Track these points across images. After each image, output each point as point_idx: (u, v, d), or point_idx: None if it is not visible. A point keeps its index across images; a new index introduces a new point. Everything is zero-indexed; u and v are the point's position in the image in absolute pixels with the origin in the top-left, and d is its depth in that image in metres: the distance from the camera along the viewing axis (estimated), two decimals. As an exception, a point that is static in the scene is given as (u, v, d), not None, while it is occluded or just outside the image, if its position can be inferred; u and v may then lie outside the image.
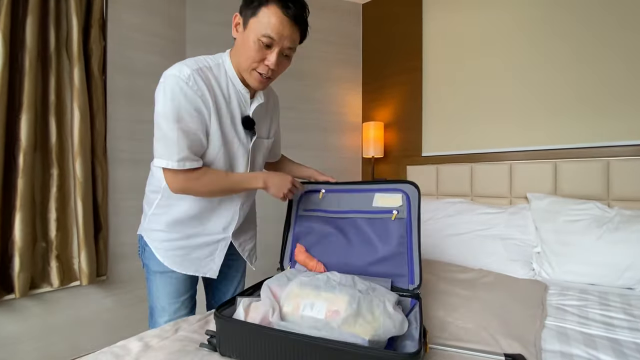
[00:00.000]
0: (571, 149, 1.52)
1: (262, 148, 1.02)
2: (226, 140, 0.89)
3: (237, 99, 0.90)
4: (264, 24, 0.78)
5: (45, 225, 1.41)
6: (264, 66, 0.83)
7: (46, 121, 1.42)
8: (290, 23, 0.80)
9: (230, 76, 0.88)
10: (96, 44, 1.55)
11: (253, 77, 0.85)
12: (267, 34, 0.79)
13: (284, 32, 0.80)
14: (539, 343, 0.79)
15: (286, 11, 0.78)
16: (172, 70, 0.81)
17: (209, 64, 0.86)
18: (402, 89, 2.15)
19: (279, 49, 0.81)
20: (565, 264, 1.30)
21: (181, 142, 0.81)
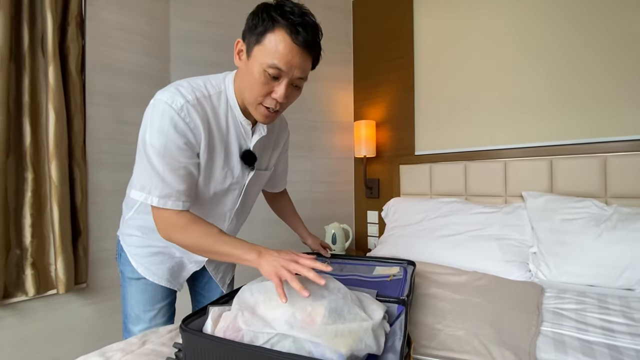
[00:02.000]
0: (567, 146, 1.47)
1: (259, 181, 0.95)
2: (214, 176, 0.81)
3: (237, 131, 0.81)
4: (271, 52, 0.67)
5: (20, 232, 1.35)
6: (272, 100, 0.72)
7: (20, 123, 1.36)
8: (300, 51, 0.69)
9: (231, 106, 0.79)
10: (74, 42, 1.50)
11: (259, 112, 0.75)
12: (274, 65, 0.68)
13: (293, 62, 0.69)
14: (533, 352, 0.74)
15: (295, 37, 0.67)
16: (164, 96, 0.72)
17: (209, 92, 0.76)
18: (394, 87, 2.10)
19: (288, 80, 0.71)
20: (562, 264, 1.25)
21: (167, 177, 0.71)
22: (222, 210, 0.90)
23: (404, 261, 1.13)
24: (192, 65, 1.90)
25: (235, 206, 0.92)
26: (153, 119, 0.71)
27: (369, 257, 1.20)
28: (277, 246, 2.16)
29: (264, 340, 0.59)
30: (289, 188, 2.11)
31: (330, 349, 0.57)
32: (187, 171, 0.74)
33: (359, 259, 1.20)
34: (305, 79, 0.75)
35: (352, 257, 1.21)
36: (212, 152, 0.78)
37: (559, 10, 1.51)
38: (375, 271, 1.09)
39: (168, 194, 0.72)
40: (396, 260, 1.16)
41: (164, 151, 0.71)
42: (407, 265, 1.11)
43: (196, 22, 1.91)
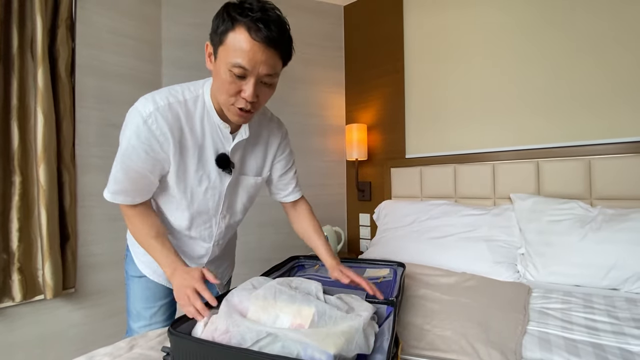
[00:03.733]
0: (552, 148, 1.50)
1: (246, 187, 0.93)
2: (188, 183, 0.83)
3: (213, 135, 0.81)
4: (233, 51, 0.67)
5: (7, 236, 1.33)
6: (241, 100, 0.72)
7: (8, 126, 1.35)
8: (262, 47, 0.67)
9: (208, 110, 0.80)
10: (63, 45, 1.49)
11: (232, 112, 0.75)
12: (237, 64, 0.67)
13: (256, 59, 0.67)
14: (519, 350, 0.75)
15: (256, 34, 0.65)
16: (138, 103, 0.75)
17: (184, 97, 0.78)
18: (385, 91, 2.12)
19: (255, 78, 0.69)
20: (549, 265, 1.27)
21: (119, 176, 0.77)
22: (206, 215, 0.90)
23: (394, 263, 1.14)
24: (183, 69, 1.90)
25: (219, 210, 0.91)
26: (125, 124, 0.76)
27: (359, 260, 1.21)
28: (268, 248, 2.15)
29: (253, 342, 0.60)
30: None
31: (319, 350, 0.57)
32: (141, 175, 0.78)
33: (349, 261, 1.21)
34: (276, 76, 0.74)
35: (342, 260, 1.21)
36: (184, 156, 0.80)
37: (543, 16, 1.55)
38: (366, 273, 1.10)
39: (118, 190, 0.79)
40: (386, 262, 1.17)
41: (123, 154, 0.75)
42: (397, 267, 1.13)
43: (187, 26, 1.92)
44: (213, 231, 0.94)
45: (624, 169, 1.33)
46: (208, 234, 0.94)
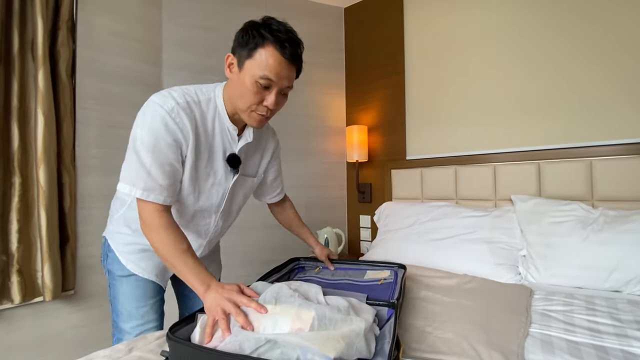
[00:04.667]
0: (554, 150, 1.49)
1: (244, 186, 0.99)
2: (198, 177, 0.86)
3: (222, 136, 0.87)
4: (262, 66, 0.76)
5: (6, 238, 1.33)
6: (263, 107, 0.80)
7: (8, 127, 1.35)
8: (287, 64, 0.78)
9: (219, 112, 0.86)
10: (64, 46, 1.49)
11: (252, 118, 0.82)
12: (265, 76, 0.76)
13: (282, 73, 0.78)
14: (522, 353, 0.74)
15: (283, 52, 0.76)
16: (156, 98, 0.78)
17: (198, 99, 0.83)
18: (386, 93, 2.12)
19: (278, 89, 0.79)
20: (551, 267, 1.26)
21: (153, 171, 0.76)
22: (207, 212, 0.93)
23: (395, 265, 1.14)
24: (183, 70, 1.90)
25: (221, 208, 0.95)
26: (145, 118, 0.77)
27: (360, 262, 1.20)
28: (272, 250, 2.15)
29: (252, 349, 0.59)
30: (281, 193, 2.11)
31: (319, 354, 0.57)
32: (172, 167, 0.79)
33: (350, 263, 1.20)
34: (291, 88, 0.84)
35: (343, 261, 1.21)
36: (198, 153, 0.83)
37: (542, 17, 1.55)
38: (367, 275, 1.09)
39: (151, 187, 0.76)
40: (387, 264, 1.16)
41: (154, 147, 0.76)
42: (397, 268, 1.12)
43: (188, 28, 1.92)
44: (210, 228, 0.97)
45: (626, 171, 1.32)
46: (204, 230, 0.96)
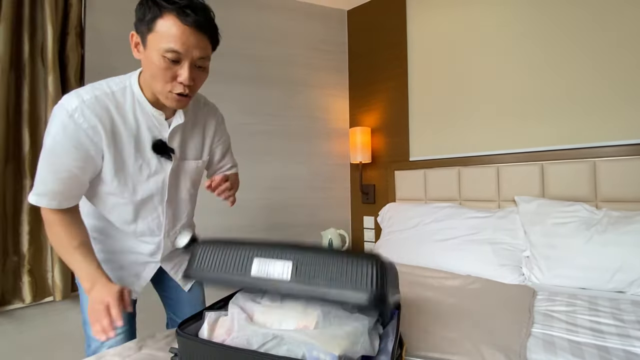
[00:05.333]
0: (557, 151, 1.50)
1: (188, 171, 0.93)
2: (125, 172, 0.80)
3: (148, 123, 0.81)
4: (165, 37, 0.69)
5: (17, 239, 1.36)
6: (179, 85, 0.74)
7: (19, 130, 1.38)
8: (193, 31, 0.70)
9: (138, 99, 0.79)
10: (73, 51, 1.52)
11: (170, 99, 0.76)
12: (170, 48, 0.69)
13: (189, 42, 0.70)
14: (524, 353, 0.75)
15: (185, 19, 0.69)
16: (63, 99, 0.74)
17: (111, 89, 0.77)
18: (389, 94, 2.13)
19: (190, 62, 0.72)
20: (554, 267, 1.27)
21: (47, 177, 0.74)
22: (151, 204, 0.88)
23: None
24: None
25: (164, 198, 0.89)
26: (49, 122, 0.74)
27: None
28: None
29: (260, 344, 0.61)
30: (285, 194, 2.14)
31: (324, 352, 0.58)
32: (69, 174, 0.74)
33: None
34: (208, 59, 0.77)
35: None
36: (119, 147, 0.78)
37: (545, 19, 1.55)
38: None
39: (43, 193, 0.74)
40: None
41: (49, 154, 0.73)
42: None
43: (194, 32, 1.94)
44: (161, 221, 0.91)
45: (630, 171, 1.32)
46: (157, 224, 0.90)
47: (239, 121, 2.04)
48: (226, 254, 0.65)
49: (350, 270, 0.57)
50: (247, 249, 0.64)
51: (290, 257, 0.61)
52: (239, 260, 0.64)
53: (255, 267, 0.63)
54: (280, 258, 0.61)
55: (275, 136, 2.13)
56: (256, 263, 0.63)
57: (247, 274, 0.62)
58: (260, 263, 0.62)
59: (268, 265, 0.62)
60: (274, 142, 2.12)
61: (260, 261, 0.63)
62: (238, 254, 0.64)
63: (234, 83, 2.01)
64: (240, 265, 0.63)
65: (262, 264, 0.62)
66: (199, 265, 0.67)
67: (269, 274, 0.61)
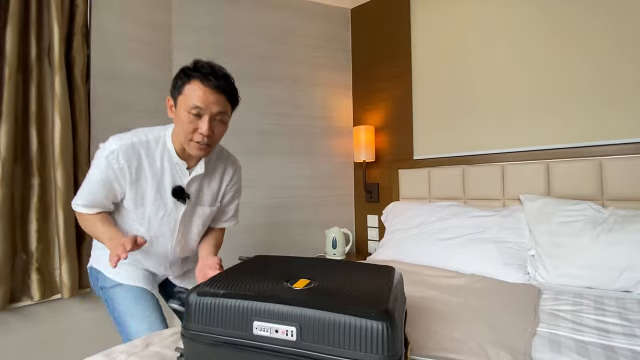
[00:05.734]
0: (563, 149, 1.49)
1: (201, 215, 1.06)
2: (144, 209, 0.97)
3: (172, 170, 0.96)
4: (190, 97, 0.86)
5: (26, 237, 1.38)
6: (199, 134, 0.88)
7: (27, 130, 1.40)
8: (213, 91, 0.86)
9: (168, 149, 0.96)
10: (79, 52, 1.54)
11: (192, 147, 0.91)
12: (194, 105, 0.85)
13: (209, 100, 0.86)
14: (529, 352, 0.75)
15: (207, 82, 0.85)
16: (108, 140, 0.92)
17: (147, 138, 0.94)
18: (393, 93, 2.13)
19: (209, 116, 0.87)
20: (560, 267, 1.26)
21: (82, 194, 0.95)
22: (163, 239, 1.03)
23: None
24: (194, 73, 1.94)
25: (174, 235, 1.03)
26: (95, 155, 0.94)
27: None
28: (283, 250, 2.16)
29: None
30: (288, 192, 2.15)
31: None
32: (95, 196, 0.94)
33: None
34: (226, 115, 0.92)
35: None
36: (141, 186, 0.95)
37: (550, 16, 1.54)
38: None
39: (81, 204, 0.95)
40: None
41: (87, 178, 0.94)
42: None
43: (197, 31, 1.95)
44: (168, 253, 1.06)
45: (637, 170, 1.31)
46: (163, 254, 1.06)
47: (242, 120, 2.05)
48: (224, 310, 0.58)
49: (360, 332, 0.51)
50: (246, 308, 0.57)
51: (294, 320, 0.54)
52: (239, 319, 0.57)
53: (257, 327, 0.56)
54: (283, 320, 0.54)
55: (279, 135, 2.13)
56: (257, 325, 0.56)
57: (249, 332, 0.56)
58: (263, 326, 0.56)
59: (271, 327, 0.56)
60: (277, 141, 2.13)
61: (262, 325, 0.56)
62: (237, 312, 0.57)
63: (237, 82, 2.02)
64: (240, 324, 0.57)
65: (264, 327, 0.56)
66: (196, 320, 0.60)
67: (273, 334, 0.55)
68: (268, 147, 2.10)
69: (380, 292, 0.59)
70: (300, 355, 0.53)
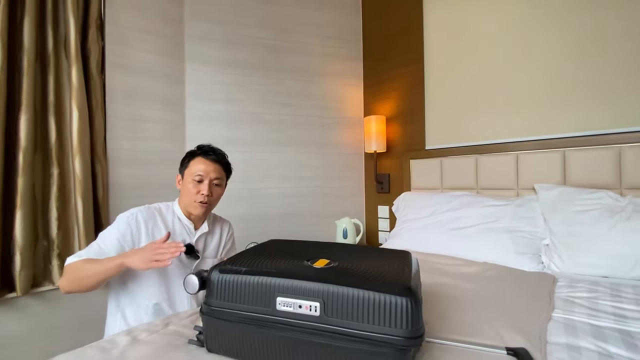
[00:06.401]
0: (581, 137, 1.45)
1: (207, 266, 1.12)
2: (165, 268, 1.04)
3: (182, 230, 1.13)
4: (194, 169, 1.10)
5: (47, 224, 1.43)
6: (200, 195, 1.09)
7: (46, 121, 1.44)
8: (212, 163, 1.12)
9: (177, 214, 1.14)
10: (94, 44, 1.56)
11: (195, 206, 1.10)
12: (197, 173, 1.09)
13: (208, 169, 1.10)
14: (544, 336, 0.75)
15: (207, 156, 1.12)
16: (130, 209, 1.08)
17: (159, 207, 1.13)
18: (404, 82, 2.11)
19: (209, 181, 1.10)
20: (575, 256, 1.24)
21: (93, 250, 1.00)
22: (179, 290, 1.09)
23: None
24: (206, 65, 1.96)
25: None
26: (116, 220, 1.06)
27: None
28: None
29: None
30: (299, 183, 2.16)
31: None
32: (99, 248, 1.01)
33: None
34: (222, 180, 1.15)
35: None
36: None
37: (565, 1, 1.49)
38: None
39: (85, 255, 0.98)
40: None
41: (100, 238, 1.03)
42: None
43: (209, 23, 1.96)
44: (186, 306, 1.11)
45: (657, 157, 1.28)
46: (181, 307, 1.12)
47: (253, 111, 2.06)
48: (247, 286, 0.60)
49: (384, 308, 0.51)
50: (270, 285, 0.58)
51: (318, 295, 0.55)
52: (262, 296, 0.58)
53: (280, 303, 0.58)
54: (307, 296, 0.55)
55: (289, 125, 2.14)
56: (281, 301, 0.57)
57: (273, 308, 0.57)
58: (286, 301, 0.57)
59: (294, 303, 0.57)
60: (288, 132, 2.13)
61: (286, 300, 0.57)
62: (260, 289, 0.58)
63: (248, 73, 2.03)
64: (263, 300, 0.58)
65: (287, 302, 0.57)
66: (218, 296, 0.62)
67: (296, 310, 0.56)
68: (279, 138, 2.11)
69: (400, 272, 0.60)
70: (323, 331, 0.54)
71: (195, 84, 1.94)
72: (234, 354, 0.63)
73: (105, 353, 0.67)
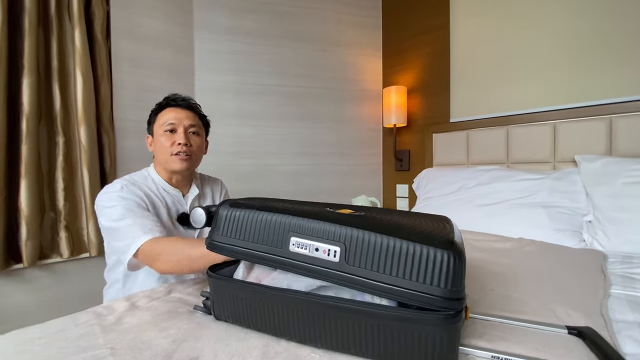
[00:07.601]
0: (629, 102, 1.29)
1: (205, 233, 1.03)
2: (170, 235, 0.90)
3: (171, 200, 0.98)
4: (163, 119, 0.95)
5: (53, 195, 1.37)
6: (177, 145, 0.93)
7: (50, 87, 1.37)
8: (183, 110, 0.96)
9: (157, 183, 0.97)
10: (98, 7, 1.48)
11: (174, 161, 0.93)
12: (167, 122, 0.94)
13: (179, 116, 0.95)
14: (606, 313, 0.63)
15: (175, 103, 0.97)
16: (104, 189, 0.89)
17: (135, 179, 0.94)
18: (427, 50, 1.95)
19: (183, 128, 0.94)
20: (624, 233, 1.10)
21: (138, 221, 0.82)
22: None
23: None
24: (214, 33, 1.85)
25: None
26: (103, 203, 0.86)
27: None
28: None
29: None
30: (313, 159, 2.06)
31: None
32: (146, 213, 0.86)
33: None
34: (199, 127, 0.99)
35: None
36: (160, 216, 0.92)
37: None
38: None
39: (148, 229, 0.80)
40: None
41: (127, 211, 0.83)
42: None
43: (219, -13, 1.85)
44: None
45: None
46: None
47: (266, 83, 1.95)
48: (258, 223, 0.51)
49: (420, 261, 0.41)
50: (283, 223, 0.49)
51: (339, 239, 0.45)
52: (274, 233, 0.50)
53: (294, 244, 0.49)
54: (325, 239, 0.46)
55: (304, 99, 2.02)
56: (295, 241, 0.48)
57: (285, 249, 0.49)
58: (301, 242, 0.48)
59: (310, 245, 0.47)
60: (302, 105, 2.02)
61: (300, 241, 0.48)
62: (272, 226, 0.50)
63: (261, 43, 1.92)
64: (275, 239, 0.49)
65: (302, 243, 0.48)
66: (225, 232, 0.54)
67: (312, 253, 0.47)
68: (291, 111, 2.00)
69: (442, 228, 0.49)
70: (342, 279, 0.44)
71: (204, 53, 1.84)
72: (244, 322, 0.55)
73: (101, 319, 0.59)
